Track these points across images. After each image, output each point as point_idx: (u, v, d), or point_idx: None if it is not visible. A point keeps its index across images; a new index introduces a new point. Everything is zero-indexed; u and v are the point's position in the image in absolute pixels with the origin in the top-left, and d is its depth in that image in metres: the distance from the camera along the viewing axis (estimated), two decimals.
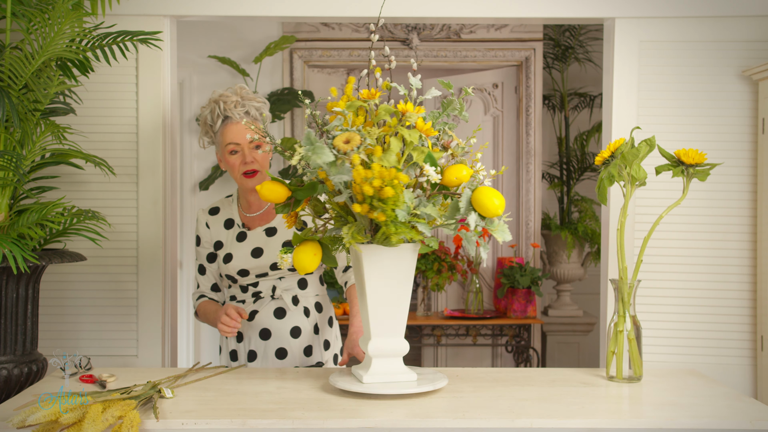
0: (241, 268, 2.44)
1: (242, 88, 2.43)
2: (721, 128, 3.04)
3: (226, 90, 2.43)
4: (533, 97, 4.91)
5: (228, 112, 2.37)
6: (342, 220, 1.92)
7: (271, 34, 4.89)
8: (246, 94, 2.42)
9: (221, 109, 2.38)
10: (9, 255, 2.30)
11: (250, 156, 2.38)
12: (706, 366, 2.99)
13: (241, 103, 2.39)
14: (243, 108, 2.38)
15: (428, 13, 3.07)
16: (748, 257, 3.03)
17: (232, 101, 2.38)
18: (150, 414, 1.78)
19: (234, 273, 2.45)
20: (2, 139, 2.56)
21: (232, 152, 2.39)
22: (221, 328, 2.27)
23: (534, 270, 4.57)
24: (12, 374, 2.48)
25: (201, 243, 2.54)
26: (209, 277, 2.54)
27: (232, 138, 2.38)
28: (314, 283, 2.53)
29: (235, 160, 2.39)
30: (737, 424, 1.79)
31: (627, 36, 3.05)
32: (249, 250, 2.45)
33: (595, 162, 2.26)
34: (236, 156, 2.39)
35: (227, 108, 2.37)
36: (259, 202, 2.49)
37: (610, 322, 2.26)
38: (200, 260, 2.55)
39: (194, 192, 4.87)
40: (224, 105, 2.38)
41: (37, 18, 2.50)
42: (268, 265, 2.44)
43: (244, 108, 2.38)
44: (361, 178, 1.73)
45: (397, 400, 1.92)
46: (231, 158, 2.40)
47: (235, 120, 2.38)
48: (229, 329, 2.26)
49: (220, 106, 2.38)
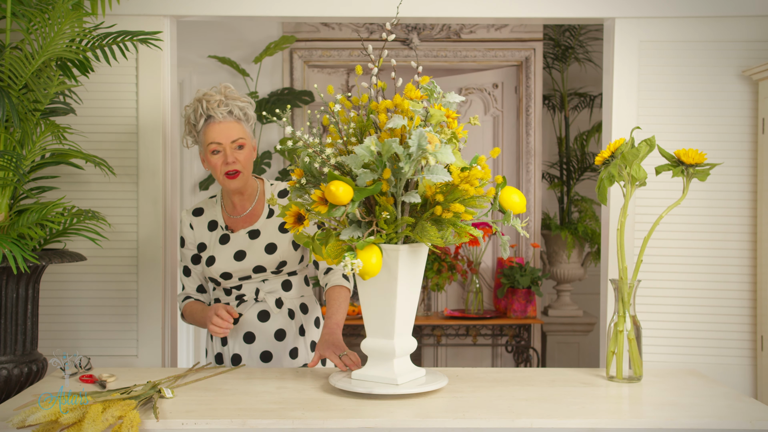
0: (223, 270, 2.41)
1: (227, 87, 2.38)
2: (721, 128, 3.04)
3: (210, 89, 2.39)
4: (533, 97, 4.91)
5: (211, 111, 2.32)
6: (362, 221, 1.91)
7: (271, 34, 4.89)
8: (230, 93, 2.37)
9: (204, 108, 2.34)
10: (9, 255, 2.30)
11: (232, 156, 2.33)
12: (706, 366, 2.99)
13: (225, 103, 2.33)
14: (226, 108, 2.33)
15: (428, 13, 3.07)
16: (748, 257, 3.03)
17: (215, 100, 2.33)
18: (150, 414, 1.78)
19: (217, 276, 2.43)
20: (2, 139, 2.56)
21: (214, 152, 2.34)
22: (212, 329, 2.24)
23: (534, 270, 4.57)
24: (12, 374, 2.48)
25: (185, 244, 2.50)
26: (194, 279, 2.52)
27: (214, 137, 2.33)
28: (299, 284, 2.49)
29: (216, 160, 2.35)
30: (737, 424, 1.79)
31: (627, 36, 3.05)
32: (232, 253, 2.41)
33: (595, 162, 2.26)
34: (218, 156, 2.34)
35: (210, 107, 2.33)
36: (243, 203, 2.45)
37: (610, 322, 2.26)
38: (185, 262, 2.52)
39: (194, 192, 4.87)
40: (207, 104, 2.33)
41: (37, 18, 2.50)
42: (251, 267, 2.40)
43: (227, 108, 2.33)
44: (460, 178, 1.82)
45: (397, 400, 1.92)
46: (213, 158, 2.35)
47: (218, 120, 2.33)
48: (221, 330, 2.24)
49: (203, 105, 2.34)
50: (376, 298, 1.96)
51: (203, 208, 2.52)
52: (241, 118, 2.36)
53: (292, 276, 2.47)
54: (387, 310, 1.95)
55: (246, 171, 2.37)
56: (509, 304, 4.61)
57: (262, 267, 2.40)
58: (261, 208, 2.46)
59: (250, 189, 2.45)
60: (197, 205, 2.54)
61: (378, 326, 1.98)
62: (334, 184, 1.77)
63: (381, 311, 1.96)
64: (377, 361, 2.00)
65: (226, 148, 2.33)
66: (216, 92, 2.36)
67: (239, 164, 2.34)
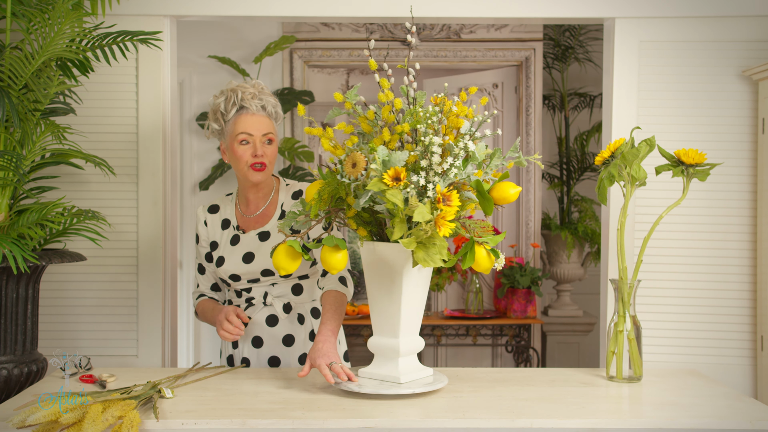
0: (232, 272, 2.39)
1: (259, 83, 2.39)
2: (721, 128, 3.04)
3: (244, 81, 2.41)
4: (533, 97, 4.91)
5: (245, 102, 2.32)
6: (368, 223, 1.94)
7: (271, 34, 4.89)
8: (263, 89, 2.38)
9: (238, 98, 2.33)
10: (9, 255, 2.30)
11: (261, 149, 2.32)
12: (706, 366, 2.99)
13: (258, 97, 2.34)
14: (260, 101, 2.34)
15: (428, 13, 3.07)
16: (748, 257, 3.03)
17: (249, 93, 2.33)
18: (150, 414, 1.78)
19: (226, 277, 2.40)
20: (2, 139, 2.56)
21: (243, 142, 2.32)
22: (223, 335, 2.23)
23: (534, 270, 4.57)
24: (12, 374, 2.48)
25: (200, 242, 2.49)
26: (209, 277, 2.50)
27: (245, 128, 2.32)
28: (310, 288, 2.45)
29: (244, 151, 2.32)
30: (737, 424, 1.79)
31: (627, 36, 3.05)
32: (241, 255, 2.39)
33: (595, 162, 2.26)
34: (246, 147, 2.32)
35: (245, 98, 2.32)
36: (257, 200, 2.43)
37: (610, 322, 2.26)
38: (199, 259, 2.50)
39: (194, 192, 4.87)
40: (242, 94, 2.33)
41: (37, 18, 2.50)
42: (260, 270, 2.37)
43: (261, 102, 2.33)
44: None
45: (397, 400, 1.92)
46: (240, 148, 2.32)
47: (251, 111, 2.32)
48: (231, 336, 2.22)
49: (237, 95, 2.33)
50: (382, 297, 1.97)
51: (219, 206, 2.49)
52: (272, 114, 2.37)
53: (303, 280, 2.43)
54: (392, 308, 1.96)
55: (270, 166, 2.37)
56: (509, 304, 4.61)
57: (270, 271, 2.36)
58: (273, 208, 2.43)
59: (267, 186, 2.43)
60: (213, 202, 2.52)
61: (383, 325, 1.99)
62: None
63: (386, 309, 1.97)
64: (382, 359, 2.01)
65: (257, 141, 2.32)
66: (249, 85, 2.36)
67: (267, 158, 2.34)
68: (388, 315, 1.97)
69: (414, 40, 1.99)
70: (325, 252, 1.91)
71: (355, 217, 1.96)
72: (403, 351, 1.98)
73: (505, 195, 1.93)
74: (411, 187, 1.79)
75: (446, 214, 1.79)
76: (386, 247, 1.92)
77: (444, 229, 1.78)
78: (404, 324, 1.98)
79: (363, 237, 1.98)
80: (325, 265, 1.92)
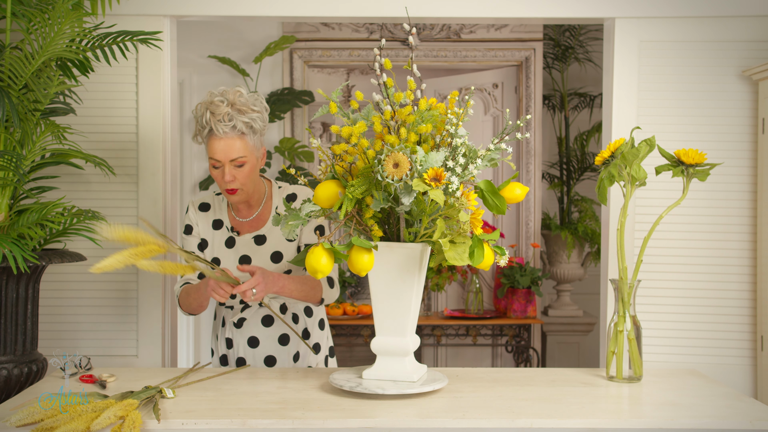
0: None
1: (238, 93, 2.26)
2: (721, 128, 3.04)
3: (223, 93, 2.26)
4: (533, 97, 4.91)
5: (213, 125, 2.22)
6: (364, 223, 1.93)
7: (271, 34, 4.89)
8: (242, 104, 2.24)
9: (207, 119, 2.24)
10: (9, 255, 2.30)
11: (230, 174, 2.25)
12: (706, 366, 2.99)
13: (230, 116, 2.21)
14: (230, 122, 2.21)
15: (428, 13, 3.07)
16: (748, 257, 3.03)
17: (220, 112, 2.21)
18: (151, 414, 1.78)
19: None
20: (2, 139, 2.56)
21: (214, 166, 2.28)
22: (213, 295, 2.17)
23: (534, 270, 4.57)
24: (12, 374, 2.48)
25: (192, 232, 2.44)
26: None
27: (213, 154, 2.25)
28: None
29: (217, 175, 2.29)
30: (737, 424, 1.79)
31: (627, 36, 3.05)
32: (237, 258, 2.39)
33: (595, 162, 2.26)
34: (218, 171, 2.28)
35: (213, 119, 2.21)
36: (249, 210, 2.42)
37: (610, 322, 2.26)
38: (189, 249, 2.44)
39: (194, 192, 4.87)
40: (211, 116, 2.22)
41: (37, 18, 2.50)
42: None
43: (231, 122, 2.21)
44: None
45: (397, 400, 1.92)
46: (213, 171, 2.29)
47: (219, 135, 2.23)
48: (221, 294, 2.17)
49: (206, 117, 2.24)
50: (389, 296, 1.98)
51: (210, 205, 2.46)
52: (245, 132, 2.25)
53: None
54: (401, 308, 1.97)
55: (246, 187, 2.31)
56: (509, 304, 4.61)
57: None
58: (268, 212, 2.42)
59: (256, 195, 2.40)
60: (204, 200, 2.47)
61: (391, 324, 1.99)
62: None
63: (395, 309, 1.98)
64: (388, 359, 2.01)
65: (225, 166, 2.26)
66: (224, 102, 2.23)
67: (237, 182, 2.27)
68: (396, 315, 1.98)
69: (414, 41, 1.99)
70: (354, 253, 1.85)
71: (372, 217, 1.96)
72: (412, 350, 2.01)
73: (512, 195, 1.97)
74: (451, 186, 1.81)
75: (478, 213, 1.84)
76: (400, 248, 1.92)
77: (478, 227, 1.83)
78: (411, 324, 2.00)
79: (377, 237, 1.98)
80: (353, 266, 1.84)
